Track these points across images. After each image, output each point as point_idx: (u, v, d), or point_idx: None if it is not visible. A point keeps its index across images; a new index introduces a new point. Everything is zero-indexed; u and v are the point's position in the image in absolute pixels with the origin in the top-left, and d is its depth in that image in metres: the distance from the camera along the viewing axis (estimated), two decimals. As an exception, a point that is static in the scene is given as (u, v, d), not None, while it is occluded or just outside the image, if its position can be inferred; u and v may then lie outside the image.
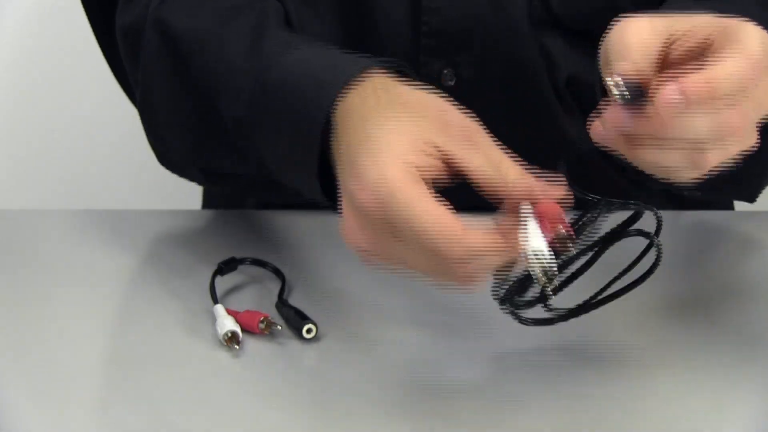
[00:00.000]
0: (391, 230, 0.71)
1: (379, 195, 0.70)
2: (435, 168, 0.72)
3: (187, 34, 0.89)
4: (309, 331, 0.81)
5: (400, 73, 0.80)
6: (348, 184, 0.73)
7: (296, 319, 0.82)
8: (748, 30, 0.72)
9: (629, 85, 0.71)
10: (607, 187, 1.05)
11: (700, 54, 0.73)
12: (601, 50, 0.78)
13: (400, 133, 0.72)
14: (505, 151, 0.74)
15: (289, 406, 0.75)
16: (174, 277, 0.91)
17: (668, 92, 0.69)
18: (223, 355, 0.80)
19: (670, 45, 0.74)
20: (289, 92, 0.80)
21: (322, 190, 0.80)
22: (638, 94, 0.71)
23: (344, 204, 0.74)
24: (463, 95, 1.01)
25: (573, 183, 0.75)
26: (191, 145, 0.91)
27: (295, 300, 0.86)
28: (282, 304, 0.85)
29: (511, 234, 0.71)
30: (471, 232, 0.70)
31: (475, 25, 0.98)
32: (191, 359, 0.80)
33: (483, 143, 0.73)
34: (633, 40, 0.73)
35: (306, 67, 0.80)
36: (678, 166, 0.73)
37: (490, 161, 0.73)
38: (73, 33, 1.07)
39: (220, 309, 0.83)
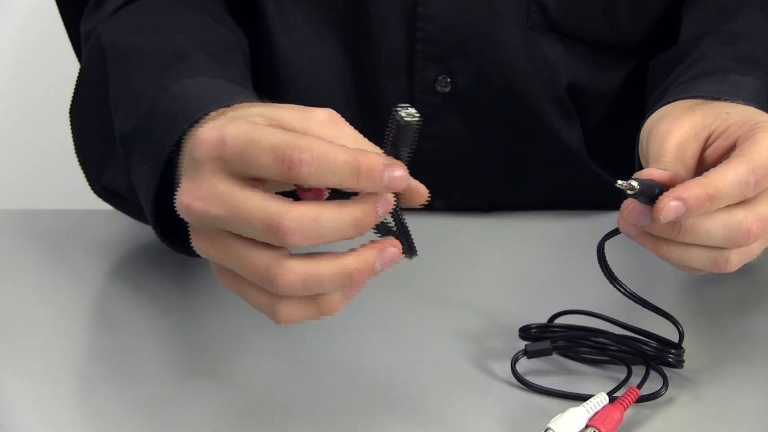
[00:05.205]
0: (226, 167, 0.64)
1: (219, 128, 0.64)
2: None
3: (118, 50, 0.88)
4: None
5: None
6: (188, 145, 0.69)
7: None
8: (765, 135, 0.73)
9: (647, 186, 0.70)
10: (598, 188, 1.06)
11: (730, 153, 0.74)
12: (642, 143, 0.79)
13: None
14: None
15: (288, 406, 0.76)
16: (174, 276, 0.91)
17: (667, 203, 0.69)
18: (224, 357, 0.80)
19: (707, 146, 0.76)
20: (161, 117, 0.77)
21: (164, 230, 0.77)
22: (655, 195, 0.70)
23: (183, 174, 0.68)
24: (459, 102, 1.02)
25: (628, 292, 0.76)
26: (97, 157, 0.90)
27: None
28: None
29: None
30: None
31: (471, 31, 0.98)
32: (191, 358, 0.80)
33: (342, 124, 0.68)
34: (672, 144, 0.75)
35: (184, 94, 0.77)
36: (702, 266, 0.73)
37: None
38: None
39: None
